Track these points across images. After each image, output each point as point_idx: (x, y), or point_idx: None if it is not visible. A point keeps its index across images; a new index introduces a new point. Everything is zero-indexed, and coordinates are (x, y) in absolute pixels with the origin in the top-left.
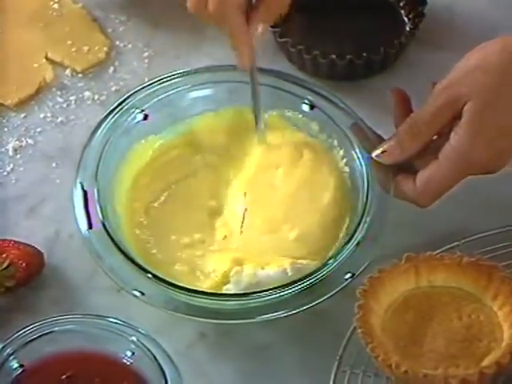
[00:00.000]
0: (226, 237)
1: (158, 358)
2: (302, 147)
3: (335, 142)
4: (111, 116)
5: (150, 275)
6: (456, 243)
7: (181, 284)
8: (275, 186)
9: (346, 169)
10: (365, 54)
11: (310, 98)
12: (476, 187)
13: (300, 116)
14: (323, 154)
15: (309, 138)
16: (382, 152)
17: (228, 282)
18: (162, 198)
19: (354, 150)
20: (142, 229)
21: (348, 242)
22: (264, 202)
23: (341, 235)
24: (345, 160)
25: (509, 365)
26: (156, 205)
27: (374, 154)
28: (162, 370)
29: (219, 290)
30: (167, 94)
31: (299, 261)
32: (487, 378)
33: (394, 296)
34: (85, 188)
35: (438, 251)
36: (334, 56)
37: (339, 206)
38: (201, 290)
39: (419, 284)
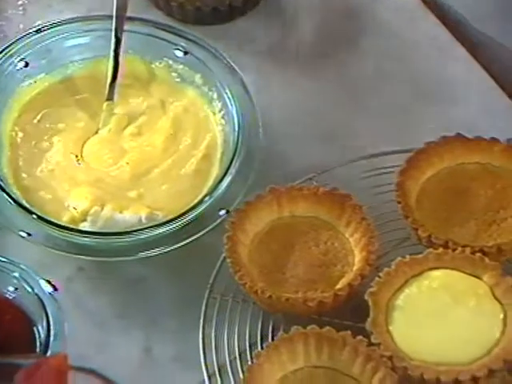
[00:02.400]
0: (93, 173)
1: (38, 292)
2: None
3: (215, 95)
4: None
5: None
6: (313, 174)
7: (39, 213)
8: (147, 140)
9: (223, 121)
10: (227, 2)
11: (182, 44)
12: (331, 124)
13: (181, 66)
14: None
15: (191, 93)
16: None
17: (85, 220)
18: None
19: (227, 94)
20: (19, 160)
21: (221, 180)
22: (138, 154)
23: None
24: (222, 112)
25: (359, 287)
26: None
27: None
28: (42, 303)
29: (77, 225)
30: (46, 42)
31: (156, 212)
32: (341, 299)
33: (260, 227)
34: None
35: (297, 182)
36: (199, 3)
37: (209, 161)
38: (57, 222)
39: (282, 214)
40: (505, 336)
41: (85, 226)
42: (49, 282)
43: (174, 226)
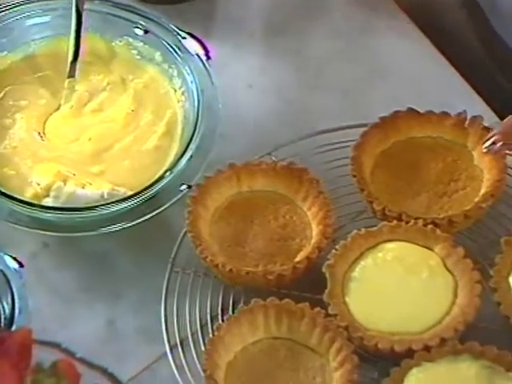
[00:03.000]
0: (55, 149)
1: (3, 268)
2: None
3: (174, 73)
4: None
5: None
6: (271, 150)
7: (3, 189)
8: (108, 117)
9: (183, 98)
10: None
11: (142, 22)
12: (288, 100)
13: (141, 44)
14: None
15: (152, 70)
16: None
17: (48, 196)
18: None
19: (186, 71)
20: None
21: (182, 155)
22: (99, 130)
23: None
24: (182, 89)
25: (317, 259)
26: None
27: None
28: (7, 279)
29: (40, 201)
30: (7, 21)
31: (118, 187)
32: (299, 272)
33: (220, 201)
34: None
35: (256, 157)
36: None
37: (169, 137)
38: (21, 198)
39: (241, 189)
40: (456, 306)
41: (48, 202)
42: (14, 258)
43: (136, 201)
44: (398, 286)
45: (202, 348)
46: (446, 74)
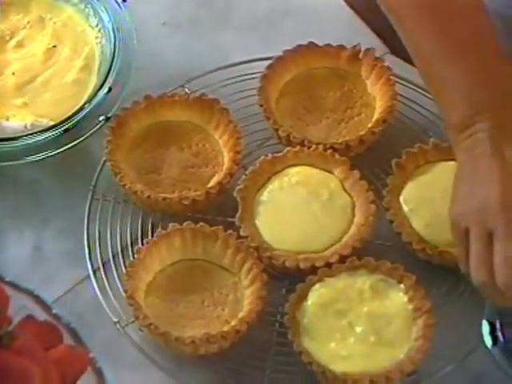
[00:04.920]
0: None
1: None
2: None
3: (91, 12)
4: None
5: None
6: (184, 82)
7: None
8: (29, 52)
9: (100, 35)
10: None
11: None
12: (200, 35)
13: None
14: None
15: (69, 9)
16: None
17: None
18: None
19: (101, 10)
20: None
21: (100, 88)
22: (21, 64)
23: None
24: (98, 27)
25: (229, 185)
26: None
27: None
28: None
29: None
30: None
31: (40, 119)
32: (212, 197)
33: (136, 131)
34: None
35: (170, 89)
36: None
37: (88, 71)
38: None
39: (156, 120)
40: (353, 225)
41: None
42: None
43: (58, 131)
44: (302, 207)
45: (123, 270)
46: (344, 13)
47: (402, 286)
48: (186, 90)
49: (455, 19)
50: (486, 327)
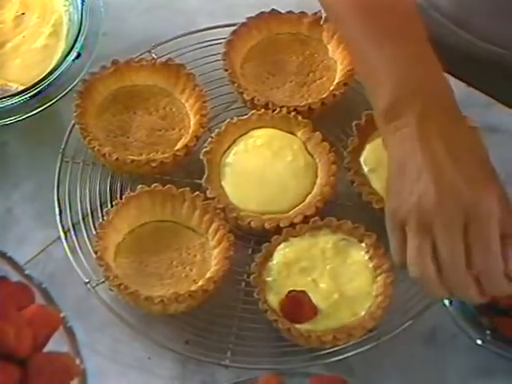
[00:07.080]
0: None
1: None
2: None
3: None
4: None
5: None
6: (150, 47)
7: None
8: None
9: (67, 3)
10: None
11: None
12: (165, 5)
13: None
14: None
15: None
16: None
17: None
18: None
19: None
20: None
21: (68, 54)
22: None
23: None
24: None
25: (195, 147)
26: None
27: None
28: None
29: None
30: None
31: (10, 83)
32: (180, 159)
33: (104, 95)
34: None
35: (137, 55)
36: None
37: (56, 37)
38: None
39: (124, 84)
40: (316, 185)
41: None
42: None
43: (27, 96)
44: (267, 169)
45: (93, 231)
46: None
47: (363, 244)
48: (153, 55)
49: (384, 11)
50: None
